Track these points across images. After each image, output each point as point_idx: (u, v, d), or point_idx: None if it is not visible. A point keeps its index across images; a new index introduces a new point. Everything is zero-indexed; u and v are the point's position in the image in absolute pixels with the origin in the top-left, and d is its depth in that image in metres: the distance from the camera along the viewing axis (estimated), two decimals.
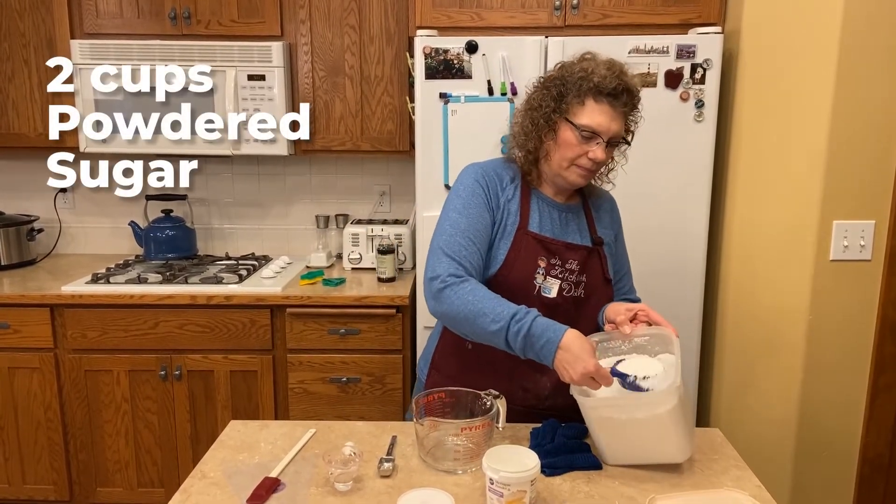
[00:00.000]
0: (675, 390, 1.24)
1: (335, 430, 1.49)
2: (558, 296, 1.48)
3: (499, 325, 1.32)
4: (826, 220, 2.02)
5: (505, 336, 1.33)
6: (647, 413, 1.26)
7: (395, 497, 1.20)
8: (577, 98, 1.41)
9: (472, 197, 1.47)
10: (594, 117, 1.40)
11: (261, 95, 2.54)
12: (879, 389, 2.08)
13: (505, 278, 1.47)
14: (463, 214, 1.45)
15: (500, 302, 1.35)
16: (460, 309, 1.36)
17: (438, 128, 2.27)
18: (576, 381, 1.28)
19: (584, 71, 1.41)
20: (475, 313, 1.34)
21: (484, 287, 1.38)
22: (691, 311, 2.35)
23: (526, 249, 1.47)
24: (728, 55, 2.28)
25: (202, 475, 1.31)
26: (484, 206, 1.47)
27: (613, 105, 1.40)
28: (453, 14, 2.38)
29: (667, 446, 1.30)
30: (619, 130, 1.43)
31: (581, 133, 1.41)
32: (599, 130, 1.40)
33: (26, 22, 2.55)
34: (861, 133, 1.96)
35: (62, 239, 3.04)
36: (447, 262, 1.40)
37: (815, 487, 2.18)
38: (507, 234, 1.48)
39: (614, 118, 1.41)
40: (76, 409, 2.47)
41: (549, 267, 1.48)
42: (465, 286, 1.37)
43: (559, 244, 1.49)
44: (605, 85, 1.38)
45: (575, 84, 1.41)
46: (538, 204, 1.52)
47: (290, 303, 2.41)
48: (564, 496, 1.24)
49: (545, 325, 1.31)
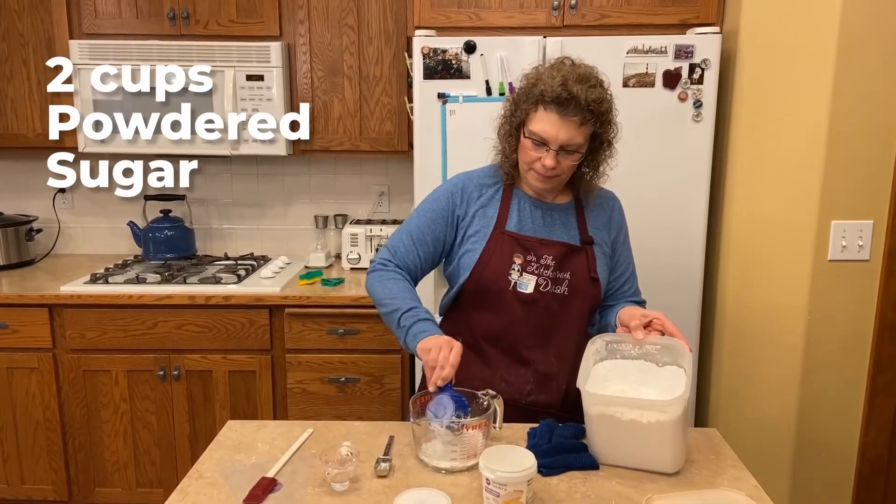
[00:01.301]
0: (683, 401, 1.25)
1: (332, 430, 1.49)
2: (535, 291, 1.51)
3: (385, 309, 1.49)
4: (824, 220, 2.02)
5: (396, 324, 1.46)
6: (652, 418, 1.26)
7: (391, 497, 1.20)
8: (531, 105, 1.45)
9: (435, 203, 1.59)
10: (541, 125, 1.43)
11: (259, 96, 2.54)
12: (878, 389, 2.08)
13: (479, 276, 1.52)
14: (418, 217, 1.59)
15: (402, 295, 1.48)
16: (371, 290, 1.54)
17: (437, 128, 2.28)
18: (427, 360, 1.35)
19: (536, 78, 1.45)
20: (378, 297, 1.51)
21: (401, 280, 1.52)
22: (690, 311, 2.35)
23: (501, 247, 1.52)
24: (726, 55, 2.28)
25: (199, 475, 1.31)
26: (440, 215, 1.57)
27: (562, 114, 1.41)
28: (452, 14, 2.38)
29: (662, 455, 1.30)
30: (571, 139, 1.42)
31: (531, 140, 1.45)
32: (546, 138, 1.43)
33: (25, 22, 2.55)
34: (859, 133, 1.96)
35: (61, 239, 3.04)
36: (384, 252, 1.58)
37: (813, 487, 2.18)
38: (482, 236, 1.54)
39: (563, 127, 1.41)
40: (75, 409, 2.48)
41: (525, 263, 1.52)
42: (384, 274, 1.53)
43: (534, 241, 1.52)
44: (548, 94, 1.40)
45: (527, 90, 1.46)
46: (519, 203, 1.56)
47: (288, 303, 2.41)
48: (561, 496, 1.24)
49: (422, 328, 1.41)
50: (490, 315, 1.54)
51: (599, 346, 1.46)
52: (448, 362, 1.32)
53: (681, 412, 1.25)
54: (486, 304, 1.53)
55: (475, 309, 1.56)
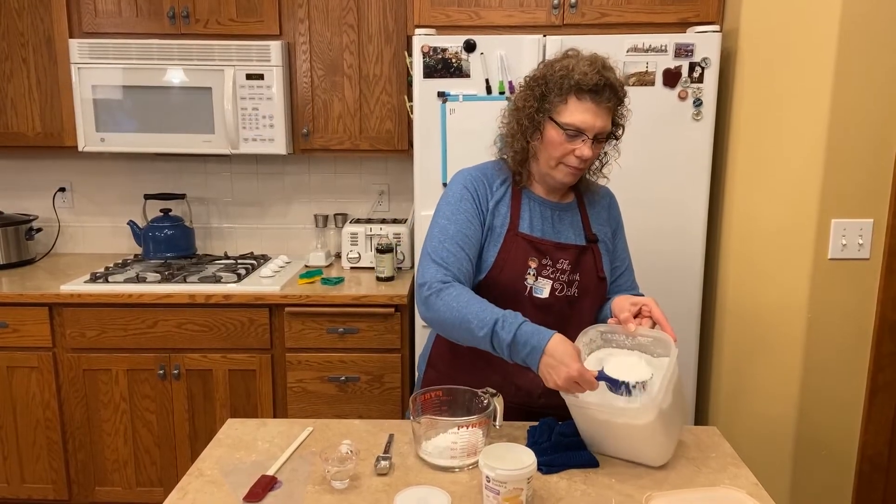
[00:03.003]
0: (655, 406, 1.24)
1: (332, 429, 1.49)
2: (550, 296, 1.48)
3: (483, 331, 1.32)
4: (824, 218, 2.02)
5: (490, 342, 1.33)
6: (624, 422, 1.27)
7: (391, 495, 1.20)
8: (560, 96, 1.40)
9: (461, 202, 1.48)
10: (577, 115, 1.40)
11: (259, 94, 2.54)
12: (878, 387, 2.08)
13: (495, 280, 1.47)
14: (451, 221, 1.46)
15: (486, 307, 1.34)
16: (446, 315, 1.37)
17: (437, 127, 2.27)
18: (560, 386, 1.27)
19: (565, 69, 1.40)
20: (461, 319, 1.35)
21: (470, 292, 1.38)
22: (690, 310, 2.35)
23: (516, 251, 1.47)
24: (726, 54, 2.28)
25: (199, 473, 1.31)
26: (473, 211, 1.47)
27: (597, 101, 1.39)
28: (452, 13, 2.38)
29: (643, 452, 1.31)
30: (605, 126, 1.42)
31: (566, 132, 1.41)
32: (584, 128, 1.40)
33: (25, 21, 2.55)
34: (859, 131, 1.96)
35: (61, 238, 3.04)
36: (434, 269, 1.41)
37: (814, 485, 2.18)
38: (497, 236, 1.48)
39: (598, 114, 1.40)
40: (75, 408, 2.48)
41: (540, 267, 1.48)
42: (450, 291, 1.38)
43: (549, 244, 1.49)
44: (586, 82, 1.37)
45: (557, 82, 1.40)
46: (529, 204, 1.52)
47: (288, 302, 2.41)
48: (561, 494, 1.24)
49: (530, 332, 1.30)
50: None
51: (593, 335, 1.44)
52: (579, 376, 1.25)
53: (653, 417, 1.24)
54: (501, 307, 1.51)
55: None
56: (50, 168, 2.98)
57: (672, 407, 1.30)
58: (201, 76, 2.51)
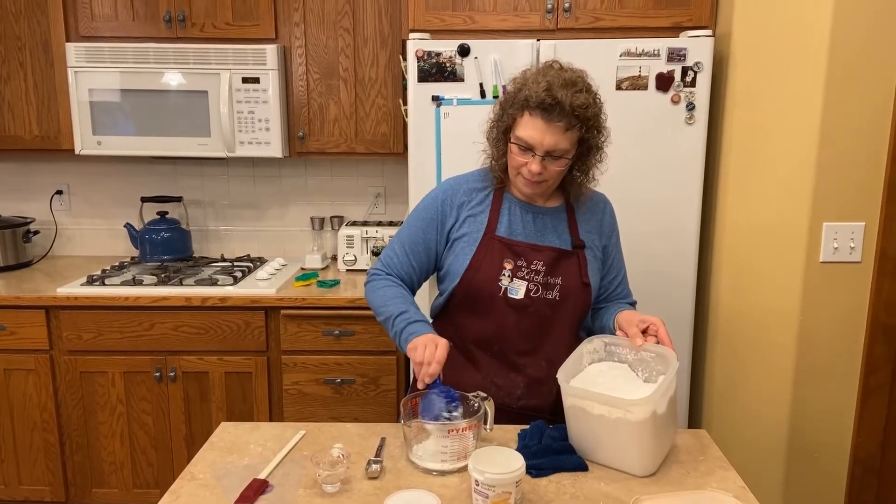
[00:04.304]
0: (651, 404, 1.25)
1: (325, 432, 1.50)
2: (525, 297, 1.51)
3: (382, 317, 1.54)
4: (816, 221, 2.03)
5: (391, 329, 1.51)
6: (619, 416, 1.28)
7: (382, 498, 1.21)
8: (517, 110, 1.45)
9: (424, 212, 1.60)
10: (527, 130, 1.43)
11: (255, 98, 2.55)
12: (870, 390, 2.09)
13: (470, 282, 1.52)
14: (408, 227, 1.61)
15: (394, 301, 1.51)
16: (368, 301, 1.59)
17: (431, 130, 2.29)
18: (416, 353, 1.38)
19: (522, 83, 1.45)
20: (374, 305, 1.56)
21: (394, 286, 1.56)
22: (682, 313, 2.36)
23: (491, 253, 1.51)
24: (719, 58, 2.29)
25: (192, 477, 1.32)
26: (430, 224, 1.58)
27: (546, 119, 1.40)
28: (446, 17, 2.39)
29: (629, 456, 1.32)
30: (556, 144, 1.42)
31: (518, 145, 1.45)
32: (532, 143, 1.43)
33: (22, 25, 2.57)
34: (851, 135, 1.97)
35: (58, 241, 3.05)
36: (378, 264, 1.62)
37: (806, 488, 2.19)
38: (472, 241, 1.53)
39: (548, 132, 1.41)
40: (71, 410, 2.49)
41: (515, 269, 1.52)
42: (378, 283, 1.58)
43: (525, 246, 1.52)
44: (533, 99, 1.40)
45: (513, 95, 1.46)
46: (510, 208, 1.56)
47: (284, 304, 2.42)
48: (550, 497, 1.25)
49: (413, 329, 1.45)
50: (481, 320, 1.54)
51: (598, 345, 1.47)
52: (434, 358, 1.33)
53: (649, 415, 1.25)
54: (477, 309, 1.54)
55: (466, 314, 1.56)
56: (47, 171, 2.99)
57: (665, 417, 1.32)
58: (197, 80, 2.52)
